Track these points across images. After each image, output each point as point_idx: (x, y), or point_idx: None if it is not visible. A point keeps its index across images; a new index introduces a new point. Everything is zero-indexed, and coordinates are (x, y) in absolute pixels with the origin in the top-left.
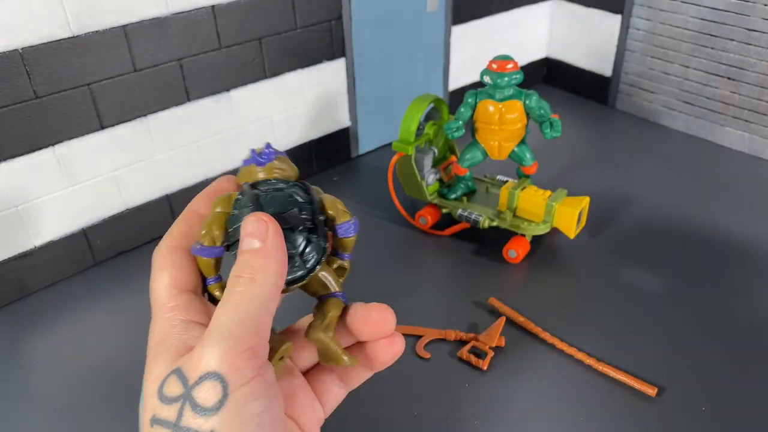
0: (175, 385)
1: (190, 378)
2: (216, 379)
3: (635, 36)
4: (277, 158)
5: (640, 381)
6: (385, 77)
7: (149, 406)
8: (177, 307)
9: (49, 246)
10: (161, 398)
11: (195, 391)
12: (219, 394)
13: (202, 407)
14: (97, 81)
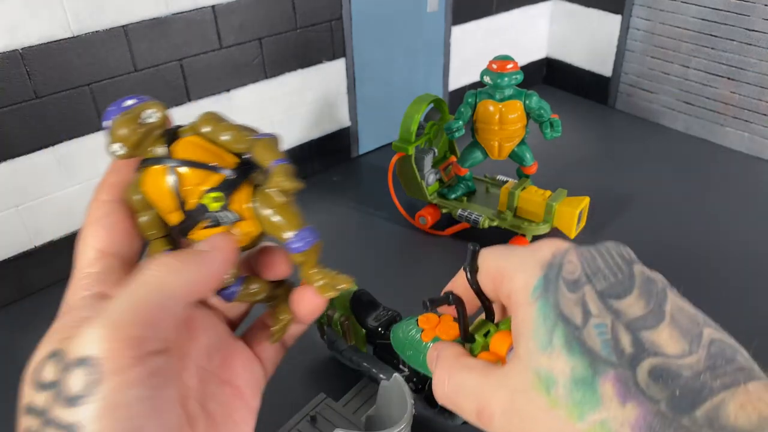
0: (52, 369)
1: (67, 362)
2: (89, 365)
3: (635, 36)
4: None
5: None
6: (385, 77)
7: (25, 392)
8: (92, 276)
9: (49, 246)
10: (36, 384)
11: (66, 377)
12: (89, 381)
13: (69, 395)
14: (97, 81)
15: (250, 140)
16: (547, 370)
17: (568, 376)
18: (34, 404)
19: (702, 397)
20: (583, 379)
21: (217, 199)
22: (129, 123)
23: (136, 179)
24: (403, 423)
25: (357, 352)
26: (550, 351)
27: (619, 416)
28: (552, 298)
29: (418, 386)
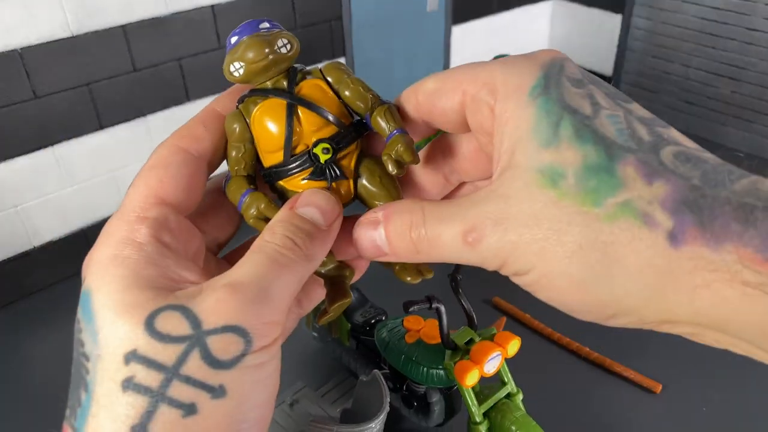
0: (179, 323)
1: (206, 322)
2: (239, 334)
3: (636, 35)
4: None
5: (644, 377)
6: (385, 77)
7: (121, 335)
8: (147, 220)
9: (48, 246)
10: (151, 332)
11: (210, 339)
12: (240, 350)
13: (216, 359)
14: (96, 81)
15: (373, 102)
16: (552, 164)
17: (579, 164)
18: (148, 355)
19: (737, 176)
20: (598, 165)
21: (327, 150)
22: (262, 46)
23: (242, 108)
24: (377, 419)
25: (340, 345)
26: (557, 144)
27: (645, 195)
28: (555, 93)
29: (396, 385)
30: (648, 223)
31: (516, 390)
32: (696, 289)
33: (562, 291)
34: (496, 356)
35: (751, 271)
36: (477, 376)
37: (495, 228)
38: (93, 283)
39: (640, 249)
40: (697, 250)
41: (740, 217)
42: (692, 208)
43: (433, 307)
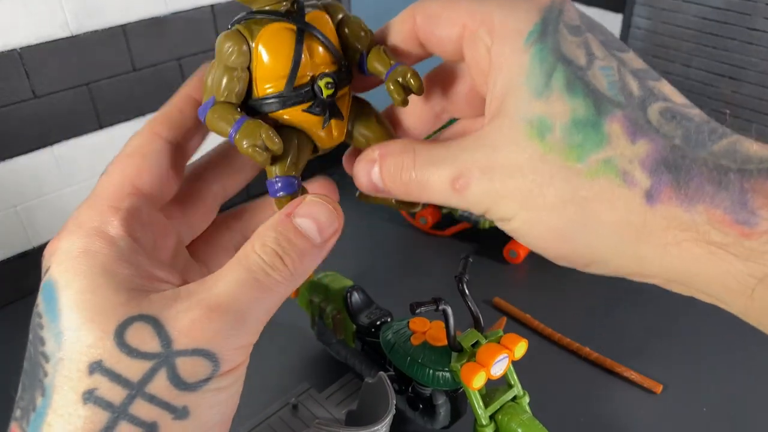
0: (149, 338)
1: (177, 342)
2: (208, 358)
3: (636, 35)
4: None
5: (644, 377)
6: None
7: (88, 342)
8: (120, 211)
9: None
10: (120, 345)
11: (179, 360)
12: (206, 373)
13: (182, 380)
14: (96, 80)
15: (370, 41)
16: (541, 115)
17: (567, 118)
18: (115, 368)
19: (718, 135)
20: (586, 119)
21: (330, 85)
22: None
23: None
24: (384, 422)
25: (345, 347)
26: (548, 95)
27: (627, 153)
28: (551, 41)
29: (401, 387)
30: (627, 182)
31: (522, 392)
32: (667, 246)
33: (543, 239)
34: (503, 359)
35: (719, 232)
36: (484, 378)
37: (482, 176)
38: (60, 276)
39: (617, 206)
40: (671, 209)
41: (714, 179)
42: (670, 168)
43: (440, 308)
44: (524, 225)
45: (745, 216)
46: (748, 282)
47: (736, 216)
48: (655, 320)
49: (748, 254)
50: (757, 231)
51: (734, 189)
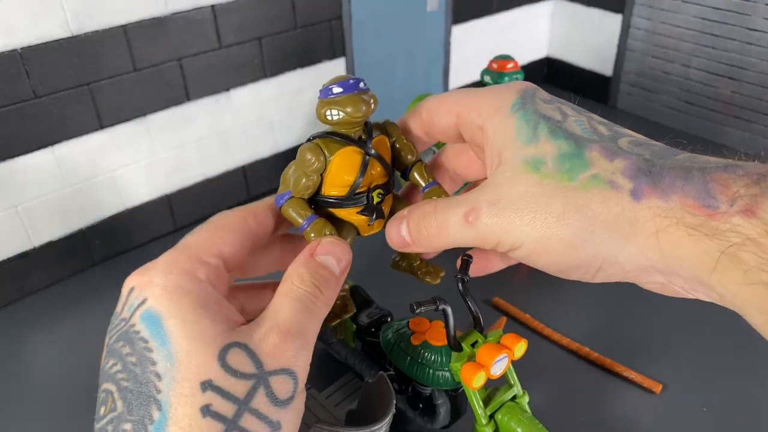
0: (244, 361)
1: (267, 364)
2: (291, 377)
3: (636, 35)
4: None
5: (644, 377)
6: (385, 77)
7: (197, 364)
8: (207, 265)
9: (48, 246)
10: (225, 367)
11: (272, 379)
12: (291, 391)
13: (277, 397)
14: (96, 81)
15: (415, 158)
16: (534, 155)
17: (555, 154)
18: (223, 386)
19: (678, 152)
20: (570, 152)
21: (380, 195)
22: (361, 104)
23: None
24: (383, 422)
25: (345, 347)
26: (536, 141)
27: (608, 168)
28: (531, 107)
29: (401, 387)
30: (614, 187)
31: (522, 392)
32: (657, 233)
33: (555, 252)
34: (502, 358)
35: (691, 216)
36: (484, 378)
37: (490, 208)
38: (162, 308)
39: (611, 206)
40: (653, 201)
41: (681, 176)
42: (646, 173)
43: (440, 308)
44: (535, 245)
45: (709, 201)
46: (715, 256)
47: (703, 201)
48: (655, 320)
49: (714, 232)
50: (718, 213)
51: (698, 181)
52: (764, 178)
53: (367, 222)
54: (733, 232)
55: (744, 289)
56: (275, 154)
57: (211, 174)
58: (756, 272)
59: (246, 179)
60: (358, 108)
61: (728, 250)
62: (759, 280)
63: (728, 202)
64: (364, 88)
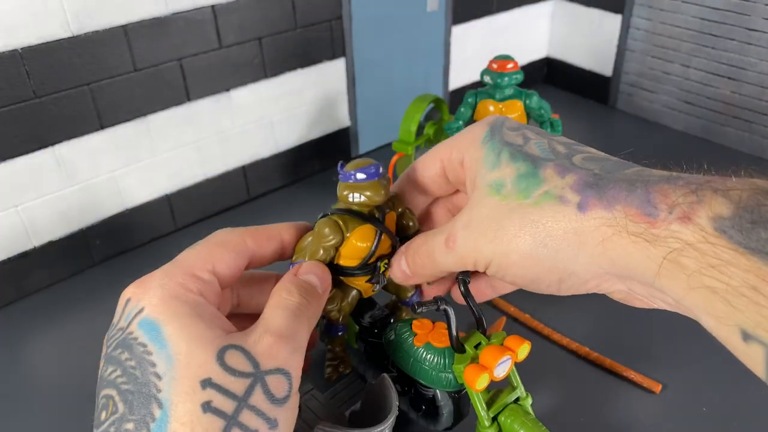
0: (242, 361)
1: (263, 364)
2: (285, 377)
3: (636, 36)
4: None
5: (644, 377)
6: (385, 77)
7: (197, 364)
8: (200, 280)
9: (48, 246)
10: (223, 366)
11: (268, 378)
12: (286, 390)
13: (274, 395)
14: (96, 81)
15: (417, 226)
16: (496, 179)
17: (513, 175)
18: (222, 383)
19: (629, 166)
20: (527, 173)
21: (386, 266)
22: (381, 190)
23: (341, 221)
24: (386, 423)
25: (348, 348)
26: (498, 166)
27: (559, 184)
28: (498, 137)
29: (404, 388)
30: (563, 201)
31: (525, 394)
32: (603, 242)
33: (520, 265)
34: (505, 360)
35: (633, 224)
36: (487, 380)
37: (463, 231)
38: (159, 315)
39: (559, 219)
40: (598, 212)
41: (626, 188)
42: (593, 187)
43: (441, 308)
44: (503, 259)
45: (650, 209)
46: (658, 262)
47: (644, 210)
48: (655, 320)
49: (655, 239)
50: (658, 220)
51: (641, 192)
52: (701, 187)
53: (372, 288)
54: (673, 238)
55: (690, 293)
56: (275, 154)
57: (211, 174)
58: (697, 276)
59: (246, 179)
60: (379, 193)
61: (670, 256)
62: (701, 284)
63: (667, 210)
64: (382, 174)
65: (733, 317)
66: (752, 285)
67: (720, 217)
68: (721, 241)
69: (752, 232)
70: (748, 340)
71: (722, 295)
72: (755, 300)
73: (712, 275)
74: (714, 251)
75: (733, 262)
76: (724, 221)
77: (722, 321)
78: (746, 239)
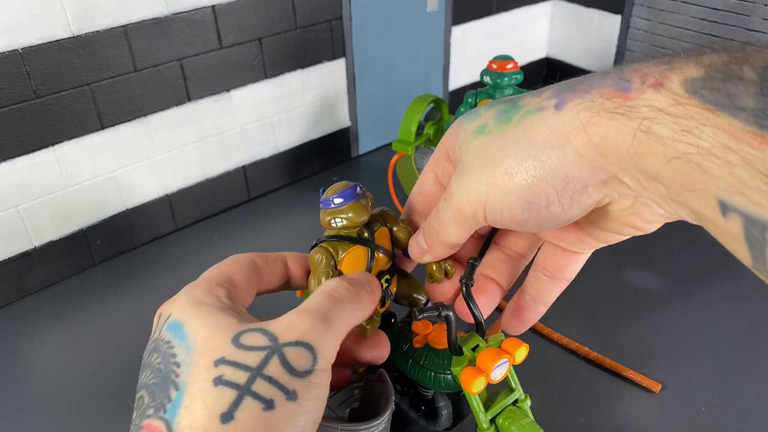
0: (259, 338)
1: (281, 337)
2: (308, 349)
3: (635, 36)
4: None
5: (643, 377)
6: (385, 77)
7: (212, 347)
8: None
9: (49, 246)
10: (237, 345)
11: (286, 350)
12: (309, 364)
13: (293, 367)
14: (97, 81)
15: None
16: (478, 125)
17: (495, 115)
18: (233, 358)
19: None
20: (506, 108)
21: (388, 280)
22: (362, 210)
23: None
24: (382, 419)
25: None
26: (478, 117)
27: (537, 101)
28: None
29: (404, 388)
30: (542, 110)
31: (524, 396)
32: (584, 127)
33: (512, 189)
34: (503, 363)
35: (609, 101)
36: (483, 383)
37: (456, 179)
38: (183, 315)
39: (540, 125)
40: (574, 103)
41: (599, 77)
42: (568, 89)
43: (443, 314)
44: (496, 193)
45: (624, 85)
46: (634, 133)
47: (617, 86)
48: (654, 319)
49: (630, 111)
50: (632, 94)
51: (614, 74)
52: (673, 58)
53: (379, 306)
54: (646, 107)
55: (666, 167)
56: (275, 154)
57: (212, 174)
58: (672, 144)
59: (246, 179)
60: (360, 214)
61: (643, 125)
62: (676, 152)
63: (640, 81)
64: (361, 193)
65: (709, 186)
66: (723, 143)
67: (691, 79)
68: (692, 101)
69: (722, 90)
70: (727, 214)
71: (695, 161)
72: (727, 159)
73: (686, 140)
74: (685, 113)
75: (703, 122)
76: (695, 82)
77: (700, 195)
78: (716, 97)
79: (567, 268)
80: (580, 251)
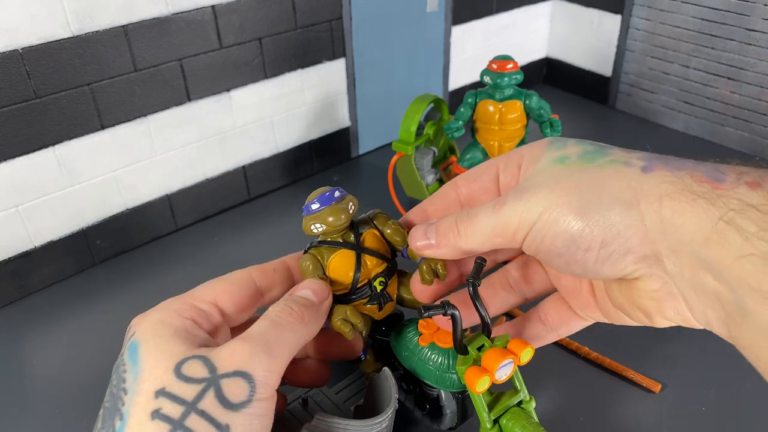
0: (200, 368)
1: (220, 368)
2: (245, 380)
3: (635, 36)
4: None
5: (643, 377)
6: (385, 77)
7: (155, 377)
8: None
9: (49, 246)
10: (178, 375)
11: (223, 382)
12: (245, 395)
13: (227, 400)
14: (97, 81)
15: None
16: (560, 155)
17: (579, 152)
18: (172, 391)
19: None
20: (593, 150)
21: (382, 283)
22: (341, 213)
23: (316, 252)
24: (385, 416)
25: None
26: (564, 148)
27: (625, 155)
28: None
29: (409, 387)
30: (627, 165)
31: (529, 397)
32: (661, 199)
33: (564, 219)
34: (508, 363)
35: (698, 185)
36: (488, 383)
37: (515, 193)
38: (142, 336)
39: (620, 177)
40: (662, 174)
41: (694, 161)
42: (660, 159)
43: (448, 313)
44: (547, 214)
45: (718, 175)
46: (714, 222)
47: (710, 174)
48: None
49: (716, 200)
50: (724, 186)
51: (710, 165)
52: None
53: (377, 309)
54: (736, 200)
55: (738, 262)
56: (275, 155)
57: (212, 174)
58: (753, 240)
59: (246, 179)
60: (338, 217)
61: (727, 215)
62: (755, 250)
63: (736, 177)
64: (339, 197)
65: None
66: None
67: None
68: None
69: None
70: None
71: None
72: None
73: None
74: None
75: None
76: None
77: (765, 295)
78: None
79: (565, 325)
80: (584, 317)
